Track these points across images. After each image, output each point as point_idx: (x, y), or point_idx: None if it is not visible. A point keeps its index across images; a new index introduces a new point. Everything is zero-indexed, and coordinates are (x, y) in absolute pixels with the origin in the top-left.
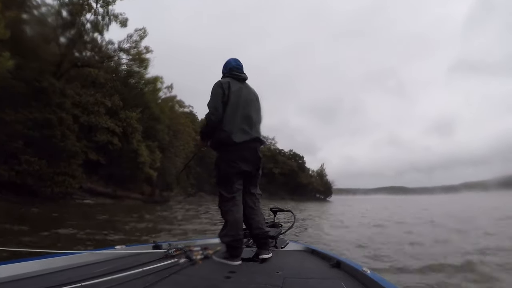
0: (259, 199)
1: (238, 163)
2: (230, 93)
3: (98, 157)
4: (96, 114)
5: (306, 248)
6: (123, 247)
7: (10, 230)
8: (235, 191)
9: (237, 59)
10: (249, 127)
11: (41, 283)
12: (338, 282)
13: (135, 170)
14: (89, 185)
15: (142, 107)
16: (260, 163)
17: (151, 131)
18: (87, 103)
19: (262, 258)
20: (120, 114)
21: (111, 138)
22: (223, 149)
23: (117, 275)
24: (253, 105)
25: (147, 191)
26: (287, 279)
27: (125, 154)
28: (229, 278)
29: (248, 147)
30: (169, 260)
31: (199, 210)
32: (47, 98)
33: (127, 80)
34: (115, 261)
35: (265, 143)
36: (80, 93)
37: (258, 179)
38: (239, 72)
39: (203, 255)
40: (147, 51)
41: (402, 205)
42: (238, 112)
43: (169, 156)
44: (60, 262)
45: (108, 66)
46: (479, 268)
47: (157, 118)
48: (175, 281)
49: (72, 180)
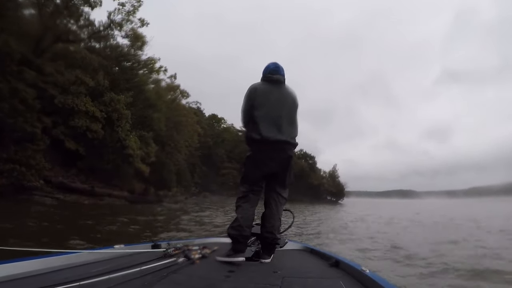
0: (282, 202)
1: (264, 163)
2: (257, 96)
3: (77, 146)
4: (75, 95)
5: (305, 247)
6: (121, 246)
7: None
8: (252, 190)
9: (276, 63)
10: (278, 128)
11: (39, 283)
12: (337, 281)
13: (121, 164)
14: (61, 179)
15: (135, 91)
16: (289, 164)
17: (146, 120)
18: (66, 81)
19: (261, 261)
20: (104, 97)
21: (89, 124)
22: (253, 148)
23: (116, 274)
24: (286, 107)
25: (138, 189)
26: (286, 278)
27: (109, 144)
28: (228, 277)
29: (276, 148)
30: (168, 260)
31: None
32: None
33: (118, 59)
34: (114, 261)
35: (295, 145)
36: (63, 72)
37: (286, 179)
38: (272, 74)
39: (202, 255)
40: (143, 24)
41: (434, 209)
42: (266, 113)
43: (169, 151)
44: (58, 261)
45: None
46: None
47: (153, 105)
48: (173, 280)
49: (25, 171)
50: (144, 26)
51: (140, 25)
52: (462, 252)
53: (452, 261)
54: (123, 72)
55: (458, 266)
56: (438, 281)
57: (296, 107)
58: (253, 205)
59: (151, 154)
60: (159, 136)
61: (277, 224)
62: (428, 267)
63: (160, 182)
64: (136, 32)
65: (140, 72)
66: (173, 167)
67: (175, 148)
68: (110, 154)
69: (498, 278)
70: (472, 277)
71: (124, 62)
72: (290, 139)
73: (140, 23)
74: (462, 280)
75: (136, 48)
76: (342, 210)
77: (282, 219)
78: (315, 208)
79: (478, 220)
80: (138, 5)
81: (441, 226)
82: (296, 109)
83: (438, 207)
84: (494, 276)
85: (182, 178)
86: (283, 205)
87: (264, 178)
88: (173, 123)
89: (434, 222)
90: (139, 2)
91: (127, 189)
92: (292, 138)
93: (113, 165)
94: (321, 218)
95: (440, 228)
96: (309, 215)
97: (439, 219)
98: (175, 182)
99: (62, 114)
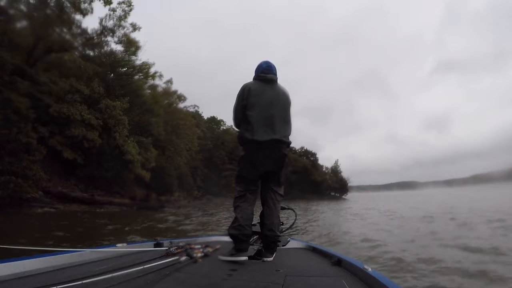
0: (279, 199)
1: (257, 162)
2: (250, 95)
3: (75, 155)
4: (70, 104)
5: (307, 246)
6: (124, 245)
7: None
8: (249, 189)
9: (267, 61)
10: (271, 127)
11: (42, 281)
12: (339, 280)
13: (121, 171)
14: (60, 189)
15: (131, 96)
16: (283, 162)
17: (144, 125)
18: (60, 90)
19: (264, 260)
20: (99, 104)
21: (85, 133)
22: (245, 147)
23: (118, 273)
24: (279, 106)
25: (140, 195)
26: (288, 277)
27: (107, 151)
28: (230, 276)
29: (269, 147)
30: (170, 258)
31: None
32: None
33: (113, 66)
34: (116, 259)
35: (288, 144)
36: (57, 81)
37: (281, 177)
38: (264, 73)
39: (204, 253)
40: (134, 28)
41: (446, 199)
42: (259, 112)
43: (169, 155)
44: (61, 260)
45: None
46: None
47: (150, 110)
48: (176, 279)
49: (22, 182)
50: (136, 30)
51: (132, 29)
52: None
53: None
54: (118, 78)
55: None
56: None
57: (289, 105)
58: (251, 204)
59: (151, 160)
60: (158, 141)
61: (276, 221)
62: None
63: (161, 187)
64: (129, 38)
65: (135, 77)
66: (174, 172)
67: (175, 152)
68: (109, 161)
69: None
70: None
71: (118, 68)
72: (283, 137)
73: (132, 27)
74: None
75: (130, 53)
76: (348, 207)
77: (283, 217)
78: (319, 206)
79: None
80: (129, 10)
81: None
82: (289, 108)
83: (449, 197)
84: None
85: (184, 182)
86: (280, 202)
87: (259, 177)
88: (172, 127)
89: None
90: (130, 7)
91: (129, 196)
92: (285, 137)
93: (112, 172)
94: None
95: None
96: (312, 216)
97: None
98: (177, 186)
99: (58, 123)
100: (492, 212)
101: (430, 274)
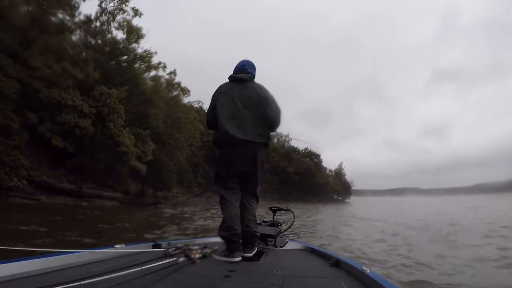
0: (253, 199)
1: (231, 163)
2: (219, 96)
3: (65, 143)
4: (62, 88)
5: (306, 247)
6: (122, 246)
7: None
8: (229, 189)
9: (244, 61)
10: (240, 128)
11: (39, 282)
12: (337, 281)
13: (114, 163)
14: (45, 179)
15: (130, 85)
16: (256, 163)
17: (142, 116)
18: (53, 74)
19: (243, 256)
20: (94, 90)
21: (77, 120)
22: (220, 148)
23: (116, 274)
24: (251, 105)
25: (134, 189)
26: (287, 278)
27: (100, 141)
28: (228, 277)
29: (238, 148)
30: (169, 259)
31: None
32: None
33: (112, 52)
34: (114, 260)
35: (265, 143)
36: (51, 66)
37: (256, 179)
38: (235, 73)
39: (202, 254)
40: (136, 13)
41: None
42: (229, 113)
43: (169, 150)
44: (59, 261)
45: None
46: None
47: (149, 100)
48: (174, 280)
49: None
50: (137, 16)
51: (133, 14)
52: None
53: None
54: (118, 65)
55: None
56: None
57: (266, 103)
58: (235, 203)
59: (148, 153)
60: (158, 134)
61: (251, 218)
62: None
63: (159, 183)
64: (130, 24)
65: (136, 65)
66: (173, 167)
67: (175, 147)
68: (101, 152)
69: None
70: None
71: (119, 57)
72: (256, 138)
73: (133, 12)
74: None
75: (132, 41)
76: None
77: (283, 218)
78: (322, 210)
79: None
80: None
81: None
82: (265, 106)
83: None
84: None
85: (183, 178)
86: (256, 202)
87: (234, 177)
88: (172, 120)
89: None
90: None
91: (122, 189)
92: (259, 137)
93: (105, 163)
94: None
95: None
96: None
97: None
98: (176, 182)
99: (49, 109)
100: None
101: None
